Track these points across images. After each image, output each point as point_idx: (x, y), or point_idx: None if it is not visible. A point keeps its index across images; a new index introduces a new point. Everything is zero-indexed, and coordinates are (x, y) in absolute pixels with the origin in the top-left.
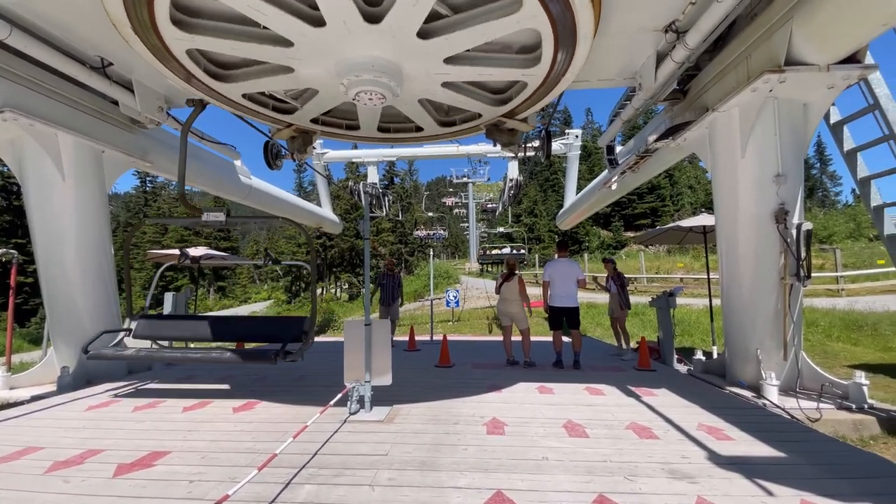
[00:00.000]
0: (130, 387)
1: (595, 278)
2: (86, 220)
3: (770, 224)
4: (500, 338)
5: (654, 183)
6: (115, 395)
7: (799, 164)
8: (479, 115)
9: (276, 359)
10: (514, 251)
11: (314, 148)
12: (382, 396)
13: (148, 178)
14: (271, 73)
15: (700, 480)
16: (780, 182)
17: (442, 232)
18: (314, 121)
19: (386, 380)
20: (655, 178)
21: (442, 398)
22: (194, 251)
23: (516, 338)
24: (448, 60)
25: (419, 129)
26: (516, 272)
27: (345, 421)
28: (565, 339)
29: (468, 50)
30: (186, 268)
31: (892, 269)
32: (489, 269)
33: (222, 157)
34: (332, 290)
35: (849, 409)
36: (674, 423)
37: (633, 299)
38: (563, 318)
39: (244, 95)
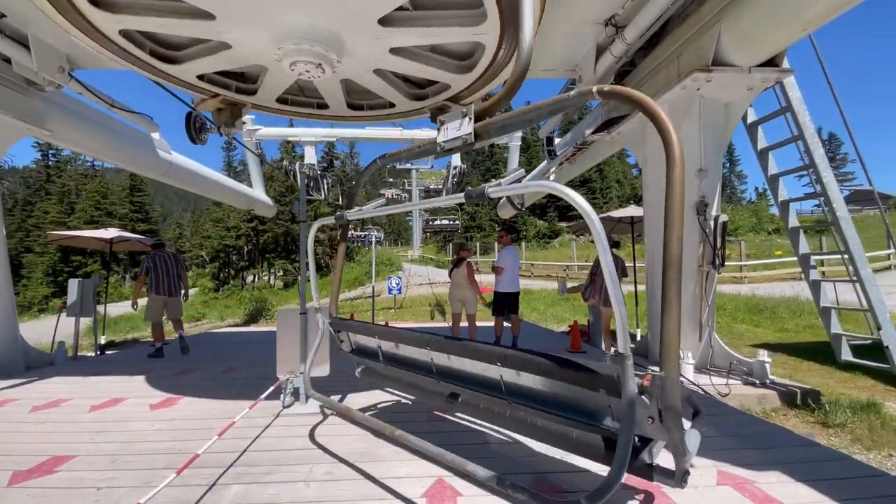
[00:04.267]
0: (28, 384)
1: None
2: None
3: (692, 215)
4: (443, 324)
5: (586, 177)
6: (10, 394)
7: (718, 160)
8: (449, 87)
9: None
10: (450, 222)
11: (244, 123)
12: (320, 388)
13: (50, 151)
14: (212, 51)
15: None
16: (701, 176)
17: (376, 233)
18: (282, 101)
19: (323, 370)
20: (587, 171)
21: (381, 387)
22: (105, 233)
23: (463, 324)
24: (383, 22)
25: (392, 104)
26: (466, 259)
27: (278, 415)
28: (505, 323)
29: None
30: (97, 252)
31: (788, 259)
32: (432, 257)
33: (138, 128)
34: (266, 278)
35: (753, 385)
36: None
37: (567, 284)
38: (505, 304)
39: (200, 77)
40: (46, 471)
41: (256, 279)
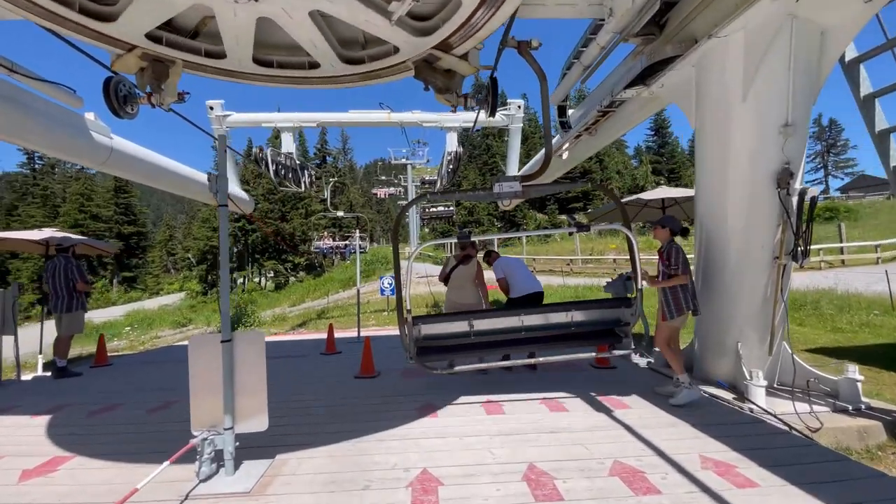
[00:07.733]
0: None
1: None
2: None
3: (768, 190)
4: None
5: (585, 167)
6: None
7: (808, 112)
8: (399, 49)
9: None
10: (444, 208)
11: (188, 94)
12: (260, 441)
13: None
14: None
15: None
16: (787, 134)
17: (361, 242)
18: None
19: (258, 424)
20: (586, 162)
21: (352, 435)
22: (38, 234)
23: None
24: None
25: (315, 65)
26: (473, 255)
27: (187, 496)
28: None
29: None
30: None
31: (818, 246)
32: (430, 254)
33: (67, 107)
34: (256, 279)
35: (845, 412)
36: (667, 456)
37: (573, 281)
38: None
39: (149, 36)
40: None
41: (247, 281)
